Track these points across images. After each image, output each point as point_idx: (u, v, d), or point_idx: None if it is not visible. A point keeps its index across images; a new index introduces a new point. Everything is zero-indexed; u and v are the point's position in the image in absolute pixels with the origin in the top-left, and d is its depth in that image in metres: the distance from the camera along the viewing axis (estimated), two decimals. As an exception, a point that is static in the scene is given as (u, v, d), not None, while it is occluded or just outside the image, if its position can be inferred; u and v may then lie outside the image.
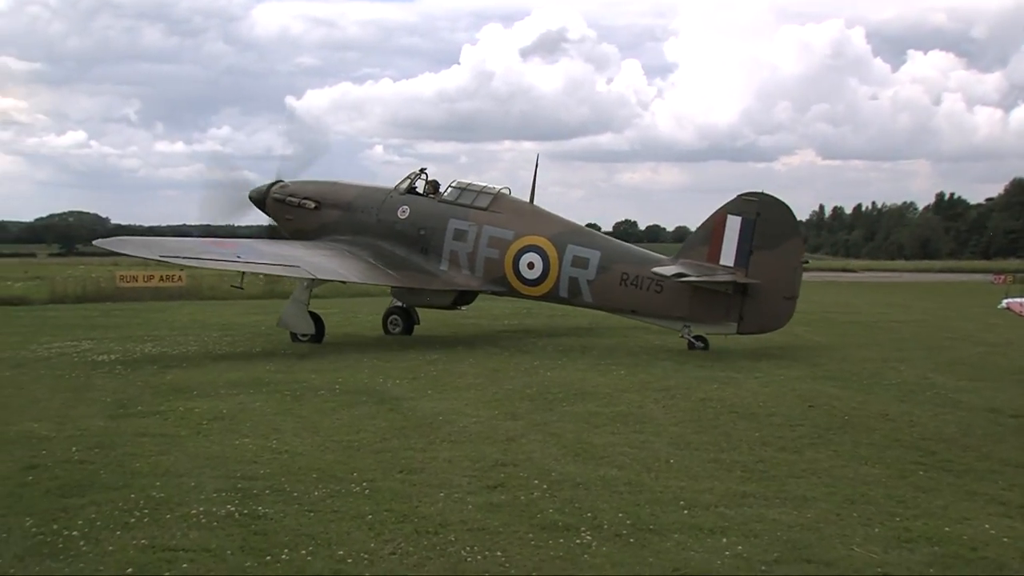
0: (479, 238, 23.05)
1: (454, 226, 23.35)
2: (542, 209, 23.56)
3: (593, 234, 23.05)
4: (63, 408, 14.06)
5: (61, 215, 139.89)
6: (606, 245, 22.38)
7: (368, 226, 24.25)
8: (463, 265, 23.25)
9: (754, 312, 20.30)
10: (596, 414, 13.63)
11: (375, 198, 24.58)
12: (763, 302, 20.24)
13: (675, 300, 20.92)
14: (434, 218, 23.65)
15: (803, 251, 20.73)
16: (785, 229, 20.34)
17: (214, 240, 23.22)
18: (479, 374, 17.44)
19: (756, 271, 20.11)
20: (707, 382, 16.54)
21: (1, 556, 7.63)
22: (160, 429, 12.54)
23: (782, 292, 20.23)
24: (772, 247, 20.10)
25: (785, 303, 20.35)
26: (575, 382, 16.50)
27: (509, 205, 23.38)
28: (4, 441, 11.76)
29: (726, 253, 20.36)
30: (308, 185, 25.71)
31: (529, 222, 22.90)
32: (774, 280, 20.12)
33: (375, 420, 13.13)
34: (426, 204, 23.94)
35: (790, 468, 10.68)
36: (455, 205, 23.60)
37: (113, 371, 17.77)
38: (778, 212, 20.36)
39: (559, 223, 22.96)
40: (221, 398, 14.84)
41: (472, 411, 13.83)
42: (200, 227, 37.04)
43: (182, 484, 9.72)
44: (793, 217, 20.73)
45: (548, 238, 22.33)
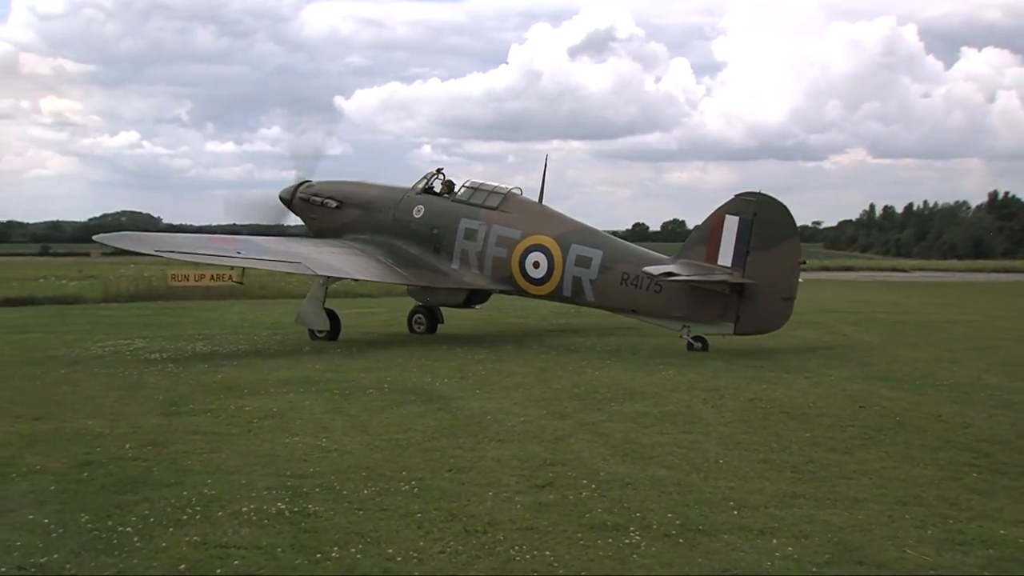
0: (488, 237, 23.20)
1: (465, 225, 23.55)
2: (550, 209, 23.63)
3: (597, 233, 22.91)
4: (117, 406, 14.25)
5: (114, 215, 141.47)
6: (608, 244, 22.31)
7: (385, 225, 24.56)
8: (473, 264, 23.41)
9: (750, 313, 20.07)
10: (644, 414, 13.59)
11: (393, 198, 24.89)
12: (760, 303, 19.98)
13: (674, 300, 20.76)
14: (447, 217, 23.88)
15: (800, 251, 20.44)
16: (783, 229, 20.06)
17: (218, 237, 23.56)
18: (527, 373, 17.44)
19: (753, 271, 19.85)
20: (756, 382, 16.43)
21: (58, 551, 7.75)
22: (211, 427, 12.67)
23: (780, 293, 19.93)
24: (769, 247, 19.85)
25: (783, 304, 20.03)
26: (623, 382, 16.46)
27: (518, 205, 23.50)
28: (60, 438, 11.93)
29: (724, 253, 20.15)
30: (332, 185, 26.12)
31: (536, 221, 22.96)
32: (771, 281, 19.84)
33: (424, 419, 13.18)
34: (440, 204, 24.17)
35: (841, 469, 10.59)
36: (467, 205, 23.79)
37: (165, 369, 17.97)
38: (775, 212, 20.08)
39: (565, 223, 22.96)
40: (271, 397, 14.97)
41: (520, 410, 13.84)
42: (249, 227, 37.36)
43: (233, 482, 9.81)
44: (791, 217, 20.35)
45: (553, 237, 22.37)
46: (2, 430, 12.36)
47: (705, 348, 20.71)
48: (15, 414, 13.58)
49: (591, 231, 22.79)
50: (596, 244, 22.08)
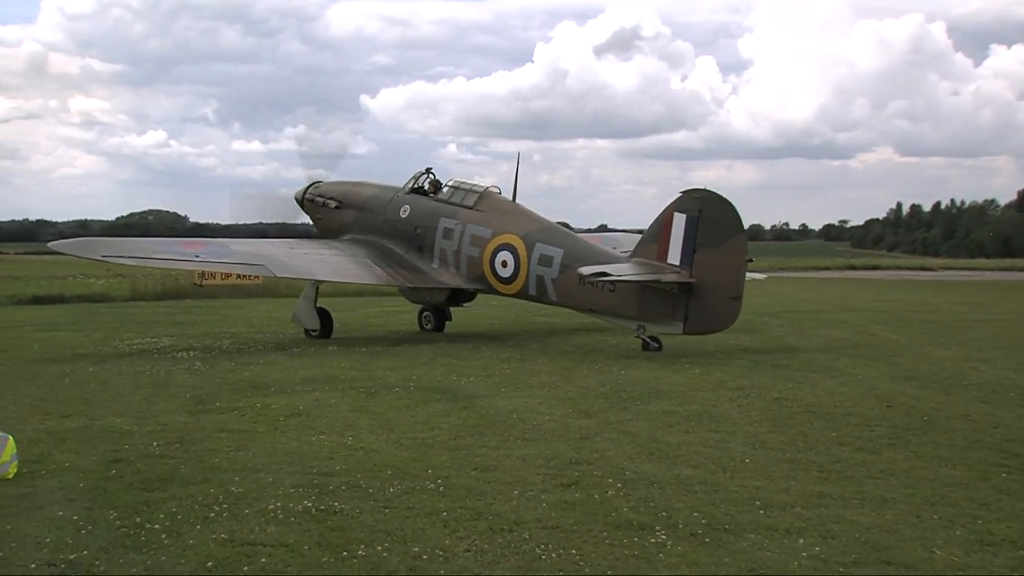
0: (463, 236, 23.33)
1: (444, 225, 23.72)
2: (523, 208, 23.58)
3: (562, 232, 22.80)
4: (144, 403, 14.34)
5: (141, 214, 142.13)
6: (570, 243, 22.12)
7: (376, 225, 24.93)
8: (450, 263, 23.55)
9: (699, 312, 19.69)
10: (670, 413, 13.57)
11: (384, 198, 25.20)
12: (708, 302, 19.59)
13: (626, 299, 20.53)
14: (428, 217, 24.08)
15: (747, 249, 19.91)
16: (729, 227, 19.61)
17: (184, 240, 23.89)
18: (552, 372, 17.45)
19: (700, 270, 19.48)
20: (782, 381, 16.37)
21: (87, 548, 7.80)
22: (238, 425, 12.73)
23: (727, 292, 19.51)
24: (715, 245, 19.44)
25: (731, 303, 19.60)
26: (649, 381, 16.43)
27: (492, 204, 23.54)
28: (89, 436, 12.02)
29: (673, 251, 19.81)
30: (335, 186, 26.60)
31: (506, 220, 22.96)
32: (718, 279, 19.45)
33: (449, 417, 13.20)
34: (423, 203, 24.38)
35: (868, 469, 10.53)
36: (447, 204, 23.96)
37: (192, 367, 18.07)
38: (721, 210, 19.62)
39: (534, 221, 22.91)
40: (297, 395, 15.03)
41: (546, 409, 13.85)
42: (275, 226, 37.61)
43: (260, 480, 9.86)
44: (737, 215, 19.84)
45: (520, 236, 22.36)
46: (32, 427, 12.46)
47: (660, 348, 20.39)
48: (44, 411, 13.70)
49: (556, 230, 22.76)
50: (558, 243, 21.97)
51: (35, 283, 41.17)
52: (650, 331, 20.50)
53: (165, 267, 25.23)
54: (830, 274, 67.58)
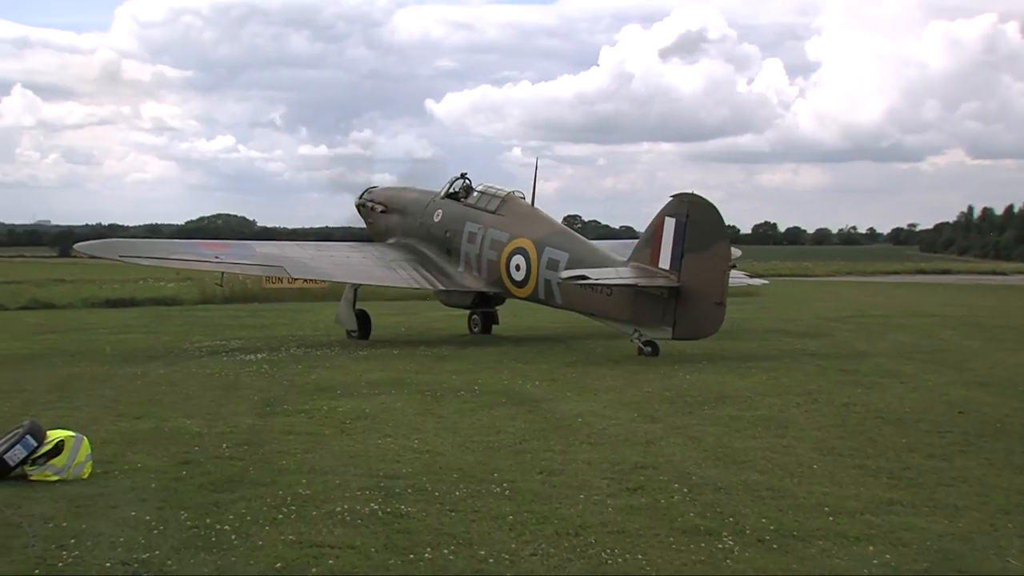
0: (484, 240, 23.63)
1: (469, 229, 24.05)
2: (539, 212, 23.79)
3: (570, 236, 22.81)
4: (213, 405, 14.54)
5: (210, 218, 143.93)
6: (575, 247, 22.09)
7: (414, 229, 25.47)
8: (473, 267, 23.87)
9: (685, 317, 19.52)
10: (736, 418, 13.47)
11: (422, 202, 25.69)
12: (694, 307, 19.42)
13: (621, 303, 20.40)
14: (457, 221, 24.43)
15: (730, 255, 19.91)
16: (713, 232, 19.45)
17: (208, 242, 24.41)
18: (617, 376, 17.41)
19: (687, 274, 19.29)
20: (851, 387, 16.19)
21: (159, 547, 7.92)
22: (306, 427, 12.86)
23: (712, 297, 19.31)
24: (701, 250, 19.26)
25: (715, 309, 19.39)
26: (714, 386, 16.34)
27: (512, 208, 23.77)
28: (160, 437, 12.22)
29: (664, 256, 19.66)
30: (384, 191, 27.36)
31: (522, 225, 23.15)
32: (704, 284, 19.29)
33: (514, 421, 13.22)
34: (454, 208, 24.74)
35: (939, 476, 10.37)
36: (474, 208, 24.27)
37: (260, 370, 18.28)
38: (706, 214, 19.45)
39: (547, 226, 23.08)
40: (364, 398, 15.14)
41: (611, 413, 13.81)
42: (341, 230, 38.07)
43: (327, 482, 9.94)
44: (721, 219, 19.68)
45: (532, 240, 22.50)
46: (105, 428, 12.68)
47: (655, 353, 20.18)
48: (117, 412, 13.94)
49: (566, 234, 22.85)
50: (565, 247, 22.02)
51: (108, 287, 41.90)
52: (645, 336, 20.34)
53: (182, 267, 26.12)
54: (899, 278, 66.68)
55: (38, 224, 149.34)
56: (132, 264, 23.87)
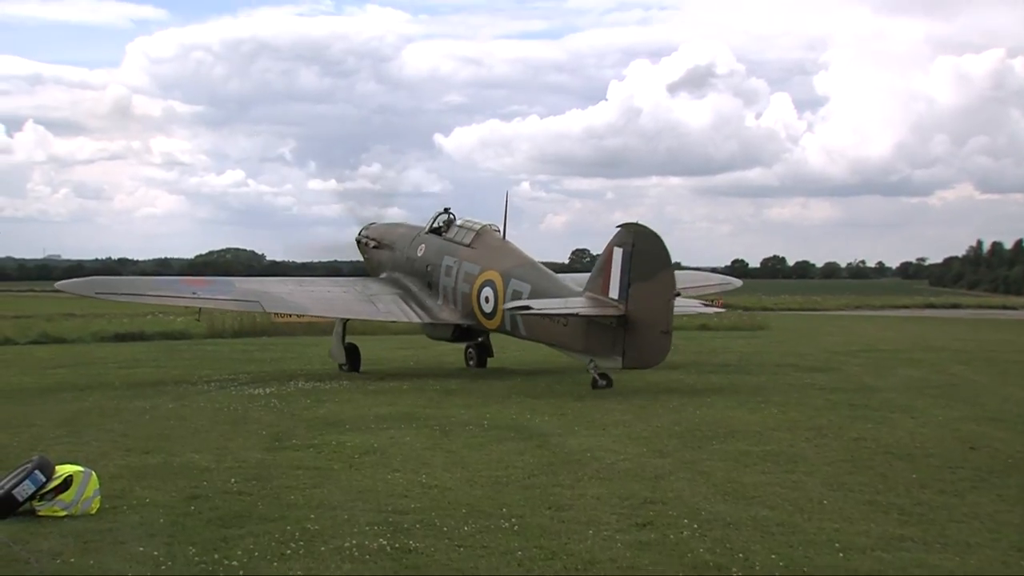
0: (459, 273, 23.84)
1: (446, 263, 24.33)
2: (509, 245, 23.89)
3: (535, 268, 22.80)
4: (222, 440, 14.53)
5: (220, 252, 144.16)
6: (537, 279, 22.15)
7: (400, 263, 25.90)
8: (449, 299, 24.01)
9: (633, 346, 19.53)
10: (746, 453, 13.42)
11: (408, 237, 26.10)
12: (641, 336, 19.42)
13: (576, 334, 20.45)
14: (436, 255, 24.73)
15: (675, 284, 19.81)
16: (658, 261, 19.49)
17: (187, 279, 25.20)
18: (626, 411, 17.36)
19: (634, 303, 19.32)
20: (860, 421, 16.13)
21: (166, 583, 7.90)
22: (314, 462, 12.84)
23: (659, 326, 19.32)
24: (647, 279, 19.31)
25: (661, 338, 19.39)
26: (723, 420, 16.29)
27: (485, 241, 23.99)
28: (168, 471, 12.20)
29: (613, 285, 19.69)
30: (377, 227, 27.87)
31: (491, 257, 23.33)
32: (651, 313, 19.30)
33: (523, 456, 13.19)
34: (435, 242, 25.03)
35: (950, 512, 10.31)
36: (452, 242, 24.53)
37: (269, 404, 18.28)
38: (651, 243, 19.52)
39: (514, 258, 23.16)
40: (372, 432, 15.12)
41: (620, 448, 13.77)
42: (350, 264, 38.26)
43: (335, 517, 9.92)
44: (665, 248, 19.70)
45: (500, 272, 22.66)
46: (114, 463, 12.68)
47: (609, 385, 20.11)
48: (126, 447, 13.94)
49: (530, 266, 22.85)
50: (528, 278, 22.12)
51: (117, 321, 41.99)
52: (600, 367, 20.28)
53: (157, 304, 27.26)
54: (908, 312, 66.44)
55: (48, 259, 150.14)
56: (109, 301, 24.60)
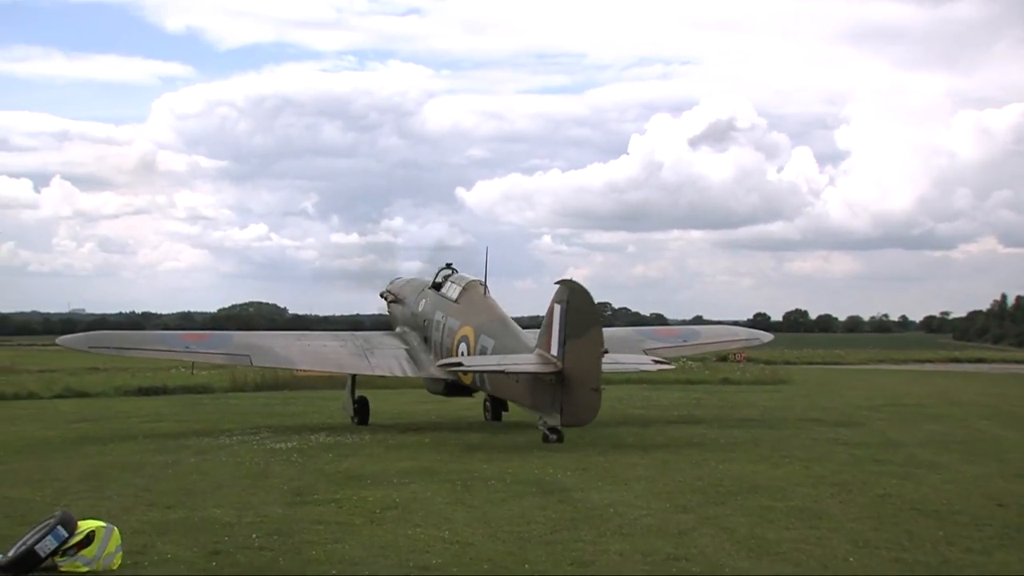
0: (444, 328, 24.09)
1: (436, 318, 24.63)
2: (488, 300, 23.99)
3: (503, 324, 22.84)
4: (244, 495, 14.52)
5: (242, 305, 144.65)
6: (503, 334, 22.22)
7: (407, 318, 26.43)
8: (439, 354, 24.06)
9: (569, 403, 19.49)
10: (770, 508, 13.32)
11: (416, 292, 26.55)
12: (575, 393, 19.42)
13: (525, 390, 20.48)
14: (431, 310, 25.04)
15: (603, 340, 19.86)
16: (590, 317, 19.60)
17: (185, 333, 26.34)
18: (649, 465, 17.27)
19: (570, 361, 19.33)
20: (886, 477, 15.99)
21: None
22: (335, 517, 12.81)
23: (590, 383, 19.37)
24: (580, 335, 19.36)
25: (592, 395, 19.45)
26: (747, 475, 16.18)
27: (468, 296, 24.18)
28: (189, 527, 12.20)
29: (553, 342, 19.74)
30: (396, 282, 28.50)
31: (468, 312, 23.55)
32: (582, 371, 19.34)
33: (545, 511, 13.13)
34: (432, 297, 25.39)
35: (978, 570, 10.20)
36: (443, 297, 24.82)
37: (290, 459, 18.28)
38: (583, 300, 19.62)
39: (488, 313, 23.28)
40: (394, 487, 15.09)
41: (643, 503, 13.69)
42: (372, 317, 38.49)
43: (357, 572, 9.90)
44: (594, 305, 19.92)
45: (473, 328, 22.83)
46: (136, 518, 12.69)
47: (560, 440, 19.96)
48: (148, 502, 13.96)
49: (500, 321, 22.91)
50: (494, 335, 22.22)
51: (140, 375, 42.19)
52: (549, 423, 20.14)
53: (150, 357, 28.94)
54: (932, 366, 65.98)
55: (73, 313, 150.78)
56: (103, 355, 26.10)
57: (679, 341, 27.75)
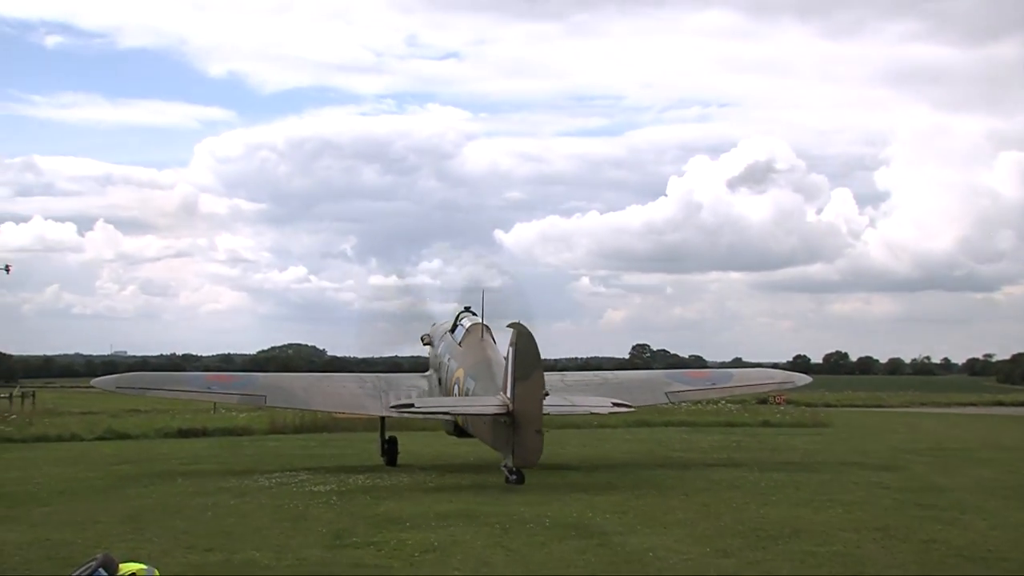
0: (448, 370, 24.73)
1: (445, 360, 25.36)
2: (484, 342, 24.40)
3: (486, 366, 23.06)
4: (283, 538, 14.53)
5: (281, 347, 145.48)
6: (484, 376, 22.49)
7: (432, 360, 27.17)
8: (444, 394, 24.61)
9: (519, 445, 19.82)
10: (811, 554, 13.17)
11: (440, 335, 27.18)
12: (522, 434, 19.74)
13: (488, 431, 20.97)
14: (445, 352, 25.73)
15: (544, 383, 20.15)
16: (533, 360, 19.83)
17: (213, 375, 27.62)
18: (689, 509, 17.14)
19: (518, 402, 19.68)
20: (930, 522, 15.76)
21: None
22: (374, 560, 12.81)
23: (533, 425, 19.69)
24: (525, 378, 19.68)
25: (535, 437, 19.71)
26: (788, 519, 16.01)
27: (469, 339, 24.74)
28: (229, 569, 12.24)
29: (508, 384, 20.16)
30: (433, 326, 28.90)
31: (465, 355, 24.06)
32: (527, 414, 19.67)
33: (584, 555, 13.05)
34: (447, 340, 26.11)
35: (1026, 617, 10.01)
36: (453, 340, 25.48)
37: (329, 501, 18.29)
38: (527, 343, 19.95)
39: (477, 355, 23.68)
40: (432, 530, 15.05)
41: (683, 548, 13.58)
42: (411, 360, 38.64)
43: (396, 616, 9.85)
44: (536, 348, 20.06)
45: (464, 370, 23.38)
46: (176, 560, 12.73)
47: (520, 481, 20.08)
48: (187, 544, 14.00)
49: (486, 363, 23.16)
50: (477, 376, 22.61)
51: (180, 417, 42.41)
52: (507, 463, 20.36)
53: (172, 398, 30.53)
54: (976, 410, 65.08)
55: (115, 355, 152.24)
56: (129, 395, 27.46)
57: (707, 384, 27.59)
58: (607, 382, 26.46)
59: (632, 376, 27.64)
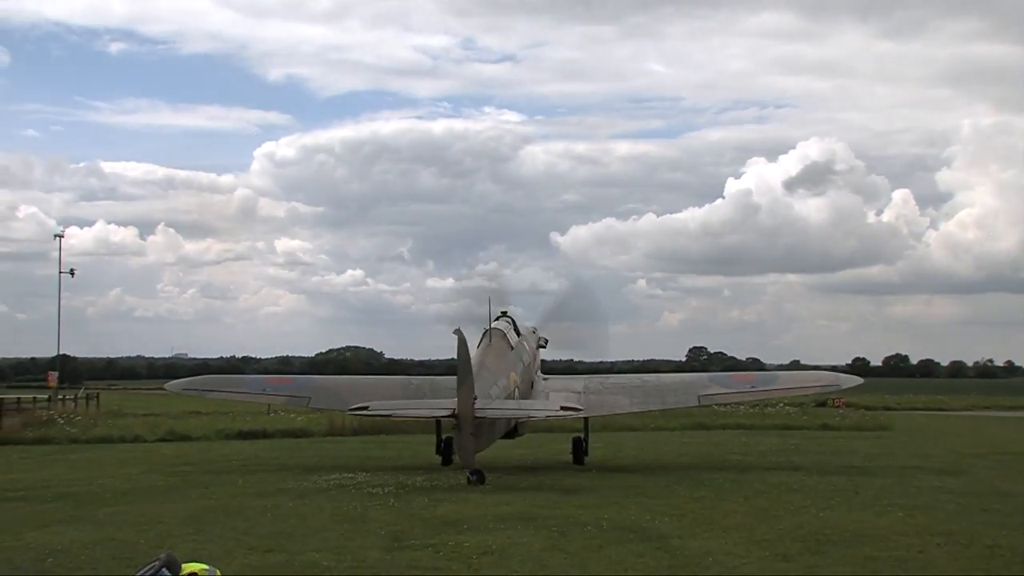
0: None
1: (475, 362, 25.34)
2: (491, 347, 25.12)
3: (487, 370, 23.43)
4: (342, 539, 14.64)
5: (339, 350, 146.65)
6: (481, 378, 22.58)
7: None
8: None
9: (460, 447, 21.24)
10: (873, 558, 13.02)
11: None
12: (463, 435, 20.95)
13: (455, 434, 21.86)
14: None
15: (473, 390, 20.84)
16: (466, 365, 20.80)
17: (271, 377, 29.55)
18: (747, 512, 17.03)
19: (459, 405, 20.70)
20: (994, 528, 15.52)
21: None
22: (432, 562, 12.86)
23: (468, 428, 20.66)
24: (462, 382, 20.73)
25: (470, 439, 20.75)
26: (848, 523, 15.84)
27: (481, 343, 25.35)
28: (290, 570, 12.36)
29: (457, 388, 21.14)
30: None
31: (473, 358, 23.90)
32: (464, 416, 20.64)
33: (643, 558, 13.02)
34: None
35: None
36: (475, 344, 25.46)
37: (387, 503, 18.39)
38: (463, 349, 20.93)
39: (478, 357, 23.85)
40: (490, 532, 15.09)
41: (742, 551, 13.49)
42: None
43: (455, 618, 9.89)
44: (468, 353, 20.99)
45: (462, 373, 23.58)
46: (237, 561, 12.88)
47: (481, 481, 20.79)
48: (248, 546, 14.15)
49: (484, 368, 23.48)
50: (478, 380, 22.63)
51: (241, 419, 42.87)
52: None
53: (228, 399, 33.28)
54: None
55: (176, 357, 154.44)
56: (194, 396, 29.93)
57: (746, 387, 27.28)
58: (644, 384, 26.91)
59: (669, 379, 27.78)
